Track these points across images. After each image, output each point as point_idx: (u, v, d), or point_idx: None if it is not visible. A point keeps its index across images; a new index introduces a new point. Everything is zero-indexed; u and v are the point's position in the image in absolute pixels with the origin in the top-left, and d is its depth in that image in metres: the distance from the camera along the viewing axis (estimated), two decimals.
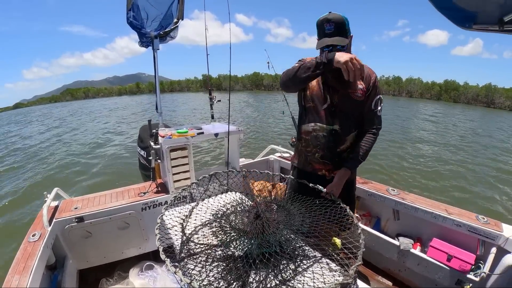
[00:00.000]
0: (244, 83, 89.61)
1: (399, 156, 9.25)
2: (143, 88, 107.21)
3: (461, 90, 66.12)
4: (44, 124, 21.67)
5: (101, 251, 2.39)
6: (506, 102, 56.00)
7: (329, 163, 1.70)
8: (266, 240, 1.11)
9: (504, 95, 57.80)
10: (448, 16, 1.21)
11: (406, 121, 19.45)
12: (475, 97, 62.42)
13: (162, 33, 2.64)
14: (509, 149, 11.78)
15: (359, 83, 1.56)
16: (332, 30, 1.45)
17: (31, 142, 13.34)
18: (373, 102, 1.59)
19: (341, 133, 1.63)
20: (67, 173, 7.71)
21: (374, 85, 1.58)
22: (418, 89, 72.76)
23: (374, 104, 1.60)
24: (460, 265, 1.99)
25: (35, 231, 1.94)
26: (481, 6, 1.12)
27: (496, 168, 8.62)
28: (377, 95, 1.59)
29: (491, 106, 57.41)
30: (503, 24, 1.14)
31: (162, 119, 2.80)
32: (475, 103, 60.99)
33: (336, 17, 1.44)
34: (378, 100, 1.60)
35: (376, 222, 2.70)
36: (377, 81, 1.60)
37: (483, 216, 2.07)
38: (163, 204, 2.45)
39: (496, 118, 29.92)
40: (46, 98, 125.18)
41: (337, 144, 1.65)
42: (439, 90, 68.88)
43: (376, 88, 1.59)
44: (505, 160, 9.76)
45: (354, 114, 1.62)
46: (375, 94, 1.59)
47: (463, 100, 63.87)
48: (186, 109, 24.34)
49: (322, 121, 1.65)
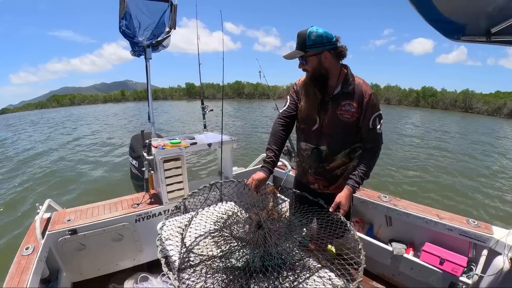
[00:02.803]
0: (225, 92, 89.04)
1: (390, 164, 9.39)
2: (128, 96, 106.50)
3: (438, 96, 67.61)
4: (28, 131, 21.19)
5: (95, 263, 2.35)
6: (483, 107, 57.37)
7: (322, 178, 1.74)
8: (268, 253, 1.12)
9: (482, 100, 59.37)
10: (437, 28, 1.25)
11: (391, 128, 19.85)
12: (453, 102, 63.81)
13: (154, 42, 2.64)
14: (490, 151, 12.16)
15: (349, 103, 1.56)
16: (296, 44, 1.51)
17: (17, 150, 13.01)
18: (370, 121, 1.56)
19: (329, 153, 1.67)
20: (56, 182, 7.55)
21: (368, 104, 1.54)
22: (396, 96, 74.32)
23: (372, 123, 1.56)
24: (453, 268, 2.03)
25: (28, 244, 1.91)
26: (469, 18, 1.15)
27: (483, 172, 8.86)
28: (374, 113, 1.55)
29: (469, 111, 58.79)
30: (490, 35, 1.19)
31: (154, 129, 2.79)
32: (453, 109, 62.35)
33: (301, 32, 1.48)
34: (377, 117, 1.56)
35: (369, 228, 2.73)
36: (373, 98, 1.55)
37: (474, 220, 2.13)
38: (157, 215, 2.43)
39: (474, 122, 30.84)
40: (32, 104, 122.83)
41: (326, 162, 1.70)
42: (416, 97, 70.41)
43: (372, 106, 1.55)
44: (490, 162, 10.03)
45: (344, 134, 1.63)
46: (372, 112, 1.55)
47: (441, 106, 65.21)
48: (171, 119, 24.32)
49: (311, 141, 1.72)
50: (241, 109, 34.73)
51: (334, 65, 1.55)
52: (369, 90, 1.55)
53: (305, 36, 1.46)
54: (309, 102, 1.67)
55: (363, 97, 1.53)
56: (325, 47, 1.47)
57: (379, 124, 1.57)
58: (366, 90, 1.54)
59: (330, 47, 1.49)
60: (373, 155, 1.64)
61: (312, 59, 1.51)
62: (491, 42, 1.22)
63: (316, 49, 1.47)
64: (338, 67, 1.57)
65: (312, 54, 1.49)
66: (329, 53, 1.49)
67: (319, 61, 1.50)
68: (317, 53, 1.48)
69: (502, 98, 57.85)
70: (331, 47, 1.49)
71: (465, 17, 1.15)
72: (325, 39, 1.46)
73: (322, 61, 1.50)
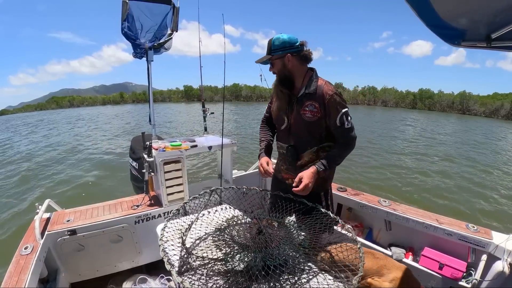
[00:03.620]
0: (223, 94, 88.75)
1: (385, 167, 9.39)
2: (127, 98, 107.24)
3: (435, 98, 67.94)
4: (30, 132, 21.21)
5: (93, 264, 2.34)
6: (480, 108, 57.64)
7: (293, 174, 1.78)
8: (270, 253, 1.13)
9: (479, 102, 59.66)
10: (438, 33, 1.25)
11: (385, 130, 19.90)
12: (450, 104, 64.18)
13: (156, 45, 2.65)
14: (489, 153, 12.18)
15: (310, 103, 1.65)
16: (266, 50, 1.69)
17: (18, 150, 13.01)
18: (337, 119, 1.61)
19: (296, 150, 1.77)
20: (55, 183, 7.55)
21: (329, 104, 1.60)
22: (393, 98, 74.61)
23: (339, 121, 1.61)
24: (452, 273, 2.03)
25: (27, 243, 1.91)
26: (470, 24, 1.16)
27: (483, 176, 8.87)
28: (339, 112, 1.60)
29: (466, 113, 59.12)
30: (490, 41, 1.20)
31: (155, 131, 2.79)
32: (450, 111, 62.65)
33: (270, 40, 1.66)
34: (343, 115, 1.61)
35: (368, 233, 2.73)
36: (336, 98, 1.61)
37: (473, 225, 2.13)
38: (156, 218, 2.43)
39: (473, 124, 30.97)
40: (32, 106, 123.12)
41: (295, 159, 1.79)
42: (413, 99, 70.74)
43: (334, 105, 1.60)
44: (490, 166, 10.05)
45: (308, 133, 1.71)
46: (336, 111, 1.61)
47: (438, 108, 65.56)
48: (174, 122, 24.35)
49: (282, 140, 1.87)
50: (240, 111, 34.84)
51: (298, 67, 1.68)
52: (330, 91, 1.61)
53: (271, 41, 1.64)
54: (278, 103, 1.82)
55: (323, 97, 1.61)
56: (287, 50, 1.62)
57: (347, 121, 1.63)
58: (327, 90, 1.62)
59: (293, 51, 1.62)
60: (345, 147, 1.70)
61: (277, 62, 1.67)
62: (491, 48, 1.22)
63: (280, 53, 1.63)
64: (302, 69, 1.70)
65: (277, 58, 1.65)
66: (292, 56, 1.63)
67: (283, 64, 1.65)
68: (281, 57, 1.64)
69: (499, 100, 58.14)
70: (293, 50, 1.62)
71: (466, 23, 1.16)
72: (288, 44, 1.61)
73: (285, 63, 1.64)
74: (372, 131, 18.66)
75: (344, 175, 7.76)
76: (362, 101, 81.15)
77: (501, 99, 58.97)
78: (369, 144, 13.17)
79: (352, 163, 9.02)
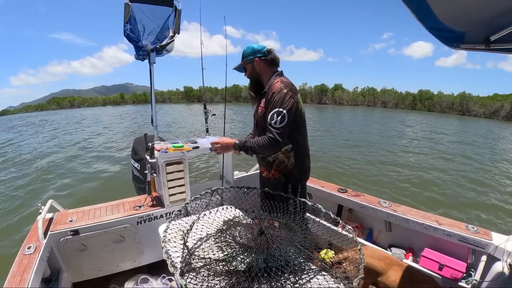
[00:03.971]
0: (223, 95, 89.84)
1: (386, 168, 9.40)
2: (127, 99, 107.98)
3: (435, 99, 67.88)
4: (34, 133, 21.27)
5: (96, 264, 2.35)
6: (480, 109, 57.60)
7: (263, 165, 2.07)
8: (272, 254, 1.14)
9: (479, 103, 59.55)
10: (437, 36, 1.27)
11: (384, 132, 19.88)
12: (450, 105, 64.12)
13: (158, 47, 2.67)
14: (490, 155, 12.18)
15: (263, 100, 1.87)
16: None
17: (19, 150, 13.04)
18: (269, 115, 1.76)
19: None
20: (58, 183, 7.56)
21: (269, 100, 1.79)
22: (392, 99, 74.62)
23: (270, 117, 1.75)
24: (452, 274, 2.04)
25: (30, 243, 1.92)
26: (468, 27, 1.18)
27: (483, 176, 8.86)
28: (273, 109, 1.74)
29: (466, 114, 58.99)
30: (489, 43, 1.21)
31: (157, 132, 2.80)
32: (449, 112, 62.53)
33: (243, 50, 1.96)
34: (274, 114, 1.73)
35: (368, 234, 2.74)
36: (274, 96, 1.76)
37: (473, 226, 2.14)
38: (158, 218, 2.45)
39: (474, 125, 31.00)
40: (32, 106, 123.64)
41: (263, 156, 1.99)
42: (413, 100, 70.67)
43: (271, 102, 1.77)
44: (490, 167, 10.05)
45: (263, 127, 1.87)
46: (271, 108, 1.75)
47: (437, 109, 65.47)
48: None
49: (253, 135, 2.10)
50: (240, 112, 34.89)
51: (266, 69, 1.92)
52: (275, 89, 1.78)
53: (244, 50, 1.95)
54: (251, 102, 2.06)
55: (268, 94, 1.81)
56: (256, 55, 1.89)
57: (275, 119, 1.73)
58: (272, 88, 1.80)
59: (260, 55, 1.88)
60: (264, 141, 1.77)
61: (248, 66, 1.95)
62: (490, 50, 1.24)
63: (250, 58, 1.90)
64: (269, 71, 1.92)
65: (248, 62, 1.94)
66: (260, 59, 1.89)
67: (252, 67, 1.93)
68: (251, 61, 1.91)
69: (499, 101, 58.01)
70: (260, 55, 1.89)
71: (465, 25, 1.17)
72: (256, 50, 1.89)
73: (254, 67, 1.91)
74: (368, 132, 18.68)
75: (344, 175, 7.78)
76: (362, 102, 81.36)
77: (501, 100, 58.88)
78: (368, 143, 13.21)
79: (354, 162, 9.02)
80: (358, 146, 13.25)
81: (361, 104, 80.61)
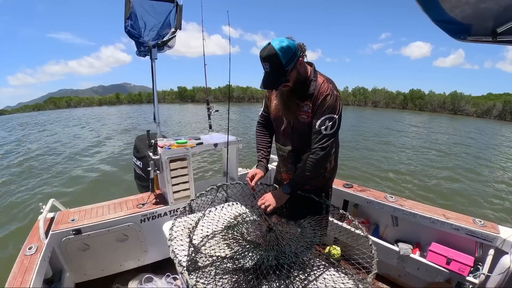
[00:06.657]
0: (216, 95, 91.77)
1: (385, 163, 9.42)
2: (123, 99, 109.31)
3: (426, 99, 68.07)
4: (28, 132, 21.17)
5: (99, 264, 2.33)
6: (472, 109, 57.93)
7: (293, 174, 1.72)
8: (282, 251, 1.12)
9: (471, 102, 59.78)
10: (444, 28, 1.25)
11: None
12: (442, 105, 64.32)
13: (160, 43, 2.64)
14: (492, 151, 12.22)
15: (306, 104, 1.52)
16: (269, 70, 1.40)
17: (20, 150, 12.97)
18: (318, 121, 1.47)
19: (297, 152, 1.67)
20: (59, 182, 7.51)
21: (321, 103, 1.46)
22: (383, 99, 74.83)
23: (320, 123, 1.47)
24: (459, 268, 2.03)
25: (32, 243, 1.89)
26: (475, 19, 1.16)
27: (489, 171, 8.92)
28: (324, 115, 1.46)
29: (458, 113, 59.19)
30: (496, 35, 1.19)
31: (159, 129, 2.78)
32: (441, 111, 62.68)
33: (269, 54, 1.34)
34: (326, 119, 1.46)
35: (375, 229, 2.73)
36: (329, 100, 1.45)
37: (480, 219, 2.13)
38: (162, 216, 2.42)
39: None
40: (30, 106, 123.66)
41: (294, 161, 1.69)
42: (404, 99, 70.88)
43: (323, 106, 1.46)
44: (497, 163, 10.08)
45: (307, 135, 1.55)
46: (322, 113, 1.46)
47: (429, 108, 65.64)
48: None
49: (280, 141, 1.75)
50: (236, 111, 34.89)
51: (305, 66, 1.52)
52: (326, 91, 1.47)
53: (277, 56, 1.33)
54: (277, 102, 1.67)
55: (318, 98, 1.48)
56: (297, 55, 1.40)
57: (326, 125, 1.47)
58: (321, 92, 1.47)
59: (300, 53, 1.43)
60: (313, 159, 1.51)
61: (292, 73, 1.44)
62: (497, 42, 1.22)
63: (293, 62, 1.40)
64: (307, 67, 1.54)
65: (292, 69, 1.41)
66: (301, 58, 1.45)
67: (297, 72, 1.46)
68: (295, 65, 1.42)
69: (492, 100, 58.28)
70: (299, 52, 1.43)
71: (471, 17, 1.15)
72: (293, 47, 1.37)
73: (299, 69, 1.46)
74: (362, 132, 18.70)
75: (347, 172, 7.78)
76: (353, 102, 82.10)
77: (494, 99, 59.12)
78: (365, 142, 13.24)
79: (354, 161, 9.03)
80: (357, 147, 13.30)
81: (351, 104, 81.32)
